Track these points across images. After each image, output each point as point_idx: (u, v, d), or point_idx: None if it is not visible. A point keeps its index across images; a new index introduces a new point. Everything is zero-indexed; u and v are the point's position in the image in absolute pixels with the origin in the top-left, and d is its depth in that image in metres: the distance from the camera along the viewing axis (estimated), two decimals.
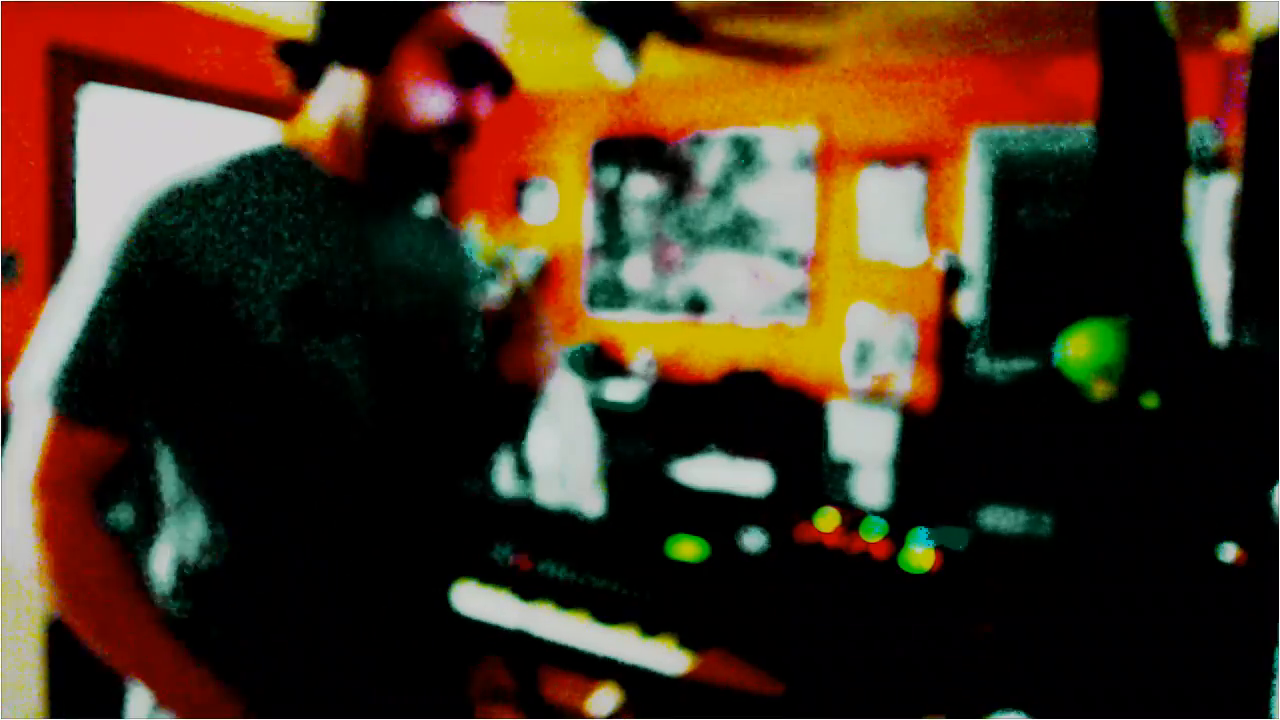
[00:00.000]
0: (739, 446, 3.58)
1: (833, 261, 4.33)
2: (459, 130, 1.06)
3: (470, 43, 1.04)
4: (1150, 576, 1.67)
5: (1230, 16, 2.58)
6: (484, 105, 1.07)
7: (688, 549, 2.17)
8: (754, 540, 2.18)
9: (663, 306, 4.71)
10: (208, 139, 3.71)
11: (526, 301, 1.21)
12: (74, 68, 3.13)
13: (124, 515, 2.08)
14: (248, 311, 0.97)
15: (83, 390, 0.96)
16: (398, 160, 1.06)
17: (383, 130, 1.05)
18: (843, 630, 1.90)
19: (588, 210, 4.91)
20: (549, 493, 2.40)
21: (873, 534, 2.15)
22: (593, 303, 4.88)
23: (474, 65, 1.05)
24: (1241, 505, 1.56)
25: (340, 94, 1.07)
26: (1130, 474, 1.74)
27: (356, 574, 1.07)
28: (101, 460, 0.99)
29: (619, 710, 2.82)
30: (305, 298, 1.00)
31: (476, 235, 1.42)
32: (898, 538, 2.10)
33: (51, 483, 0.98)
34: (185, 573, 1.05)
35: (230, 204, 1.02)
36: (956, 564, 1.98)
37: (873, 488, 3.48)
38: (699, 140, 4.60)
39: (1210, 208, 2.27)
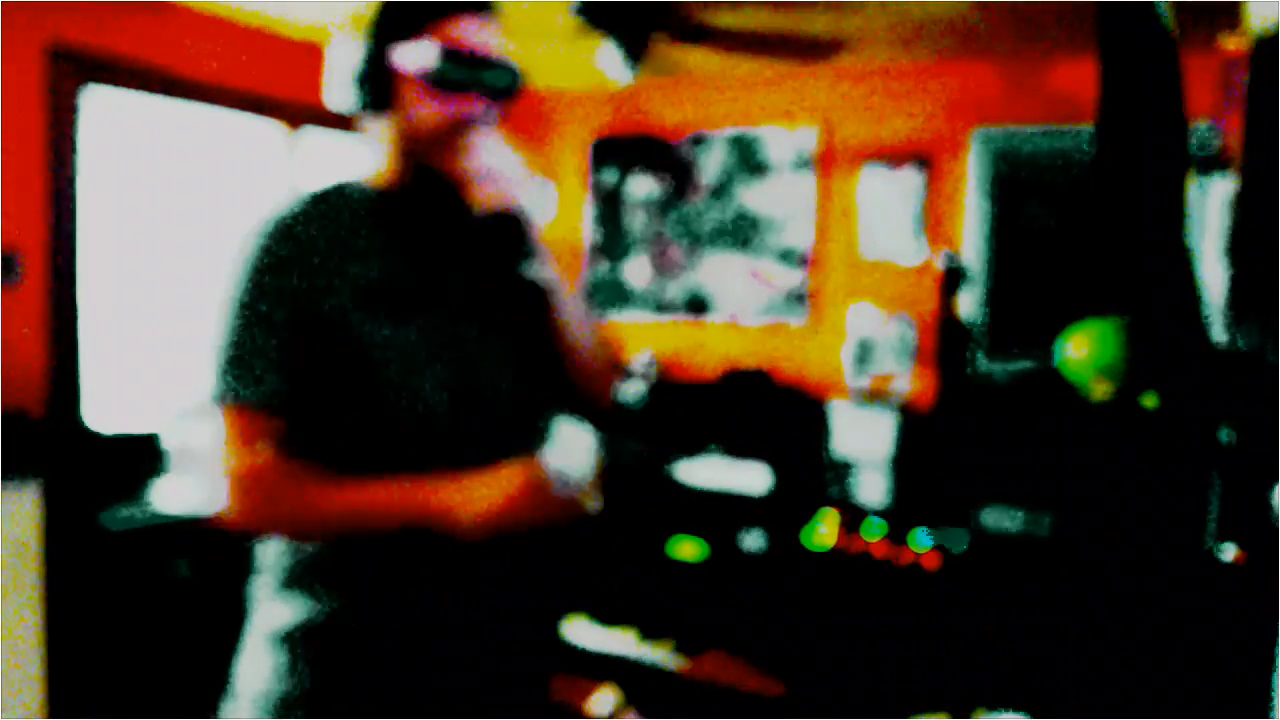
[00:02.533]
0: (739, 446, 3.57)
1: (833, 261, 4.33)
2: (460, 138, 1.23)
3: (443, 62, 1.20)
4: (1150, 576, 1.67)
5: (1230, 16, 2.58)
6: (477, 109, 1.24)
7: (688, 549, 2.17)
8: (754, 540, 2.18)
9: (663, 306, 4.71)
10: (208, 139, 3.71)
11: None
12: (74, 68, 3.13)
13: None
14: (330, 307, 1.19)
15: (243, 383, 1.19)
16: (422, 176, 1.26)
17: (406, 155, 1.27)
18: (842, 630, 1.90)
19: (587, 210, 4.91)
20: None
21: (873, 534, 2.15)
22: (593, 303, 4.88)
23: (452, 78, 1.21)
24: (1241, 505, 1.56)
25: (377, 133, 1.29)
26: (1130, 474, 1.74)
27: (439, 548, 1.19)
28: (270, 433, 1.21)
29: (619, 710, 2.82)
30: (371, 294, 1.21)
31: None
32: (898, 538, 2.10)
33: (242, 453, 1.19)
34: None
35: (307, 231, 1.23)
36: (956, 564, 1.98)
37: (873, 488, 3.48)
38: (699, 140, 4.60)
39: (1210, 208, 2.27)
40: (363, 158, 1.33)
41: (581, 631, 2.03)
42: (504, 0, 1.30)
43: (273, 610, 1.25)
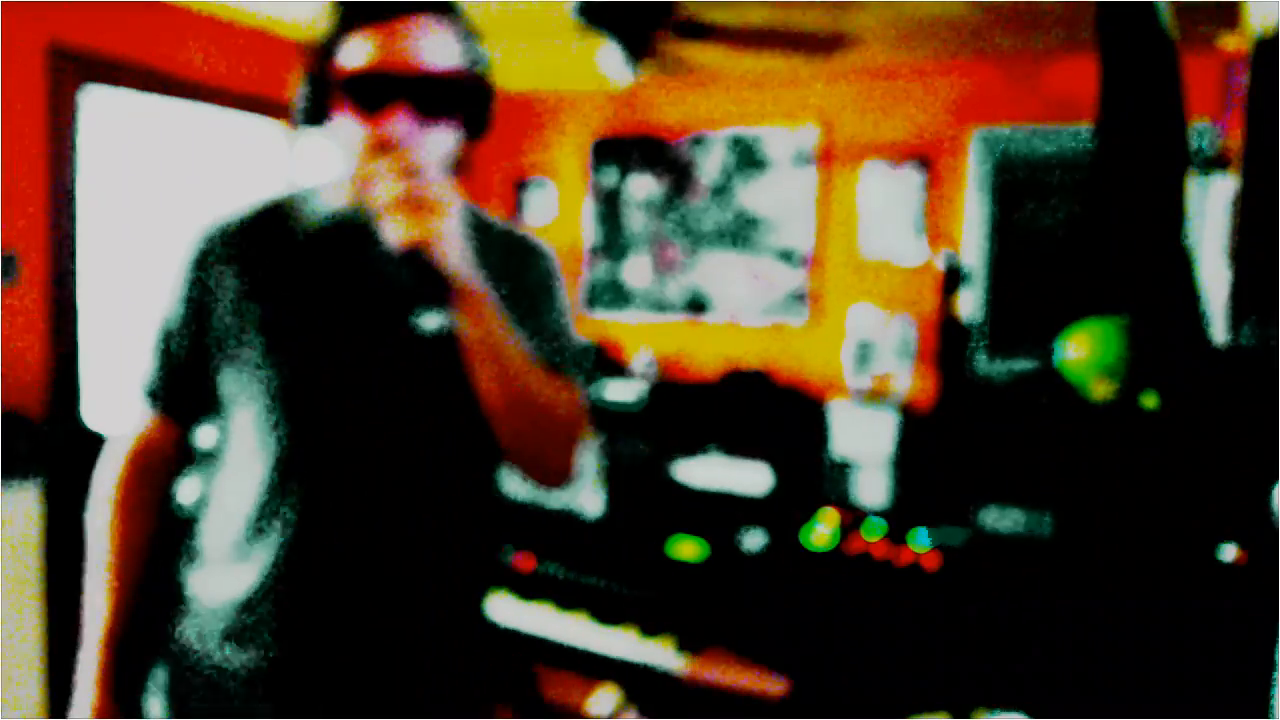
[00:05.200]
0: (739, 446, 3.57)
1: (833, 261, 4.33)
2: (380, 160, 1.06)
3: (361, 74, 1.08)
4: (1150, 576, 1.67)
5: (1230, 16, 2.58)
6: (403, 126, 1.08)
7: (688, 549, 2.17)
8: (754, 540, 2.18)
9: (663, 306, 4.71)
10: (208, 139, 3.71)
11: None
12: (74, 68, 3.13)
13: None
14: (231, 330, 1.17)
15: (153, 384, 1.25)
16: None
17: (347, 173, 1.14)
18: (842, 630, 1.90)
19: (588, 210, 4.91)
20: (549, 493, 2.40)
21: (873, 534, 2.15)
22: (593, 303, 4.88)
23: (371, 93, 1.08)
24: (1241, 505, 1.56)
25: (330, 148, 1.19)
26: (1130, 474, 1.74)
27: (337, 562, 1.15)
28: (165, 440, 1.27)
29: (619, 710, 2.82)
30: (270, 325, 1.15)
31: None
32: (898, 538, 2.10)
33: (122, 451, 1.27)
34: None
35: (233, 246, 1.20)
36: (956, 564, 1.98)
37: (873, 488, 3.47)
38: (699, 140, 4.60)
39: (1210, 208, 2.27)
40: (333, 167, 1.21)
41: (581, 631, 2.03)
42: (494, 1, 1.20)
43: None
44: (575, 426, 1.20)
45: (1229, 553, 1.58)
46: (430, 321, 1.12)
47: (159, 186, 3.54)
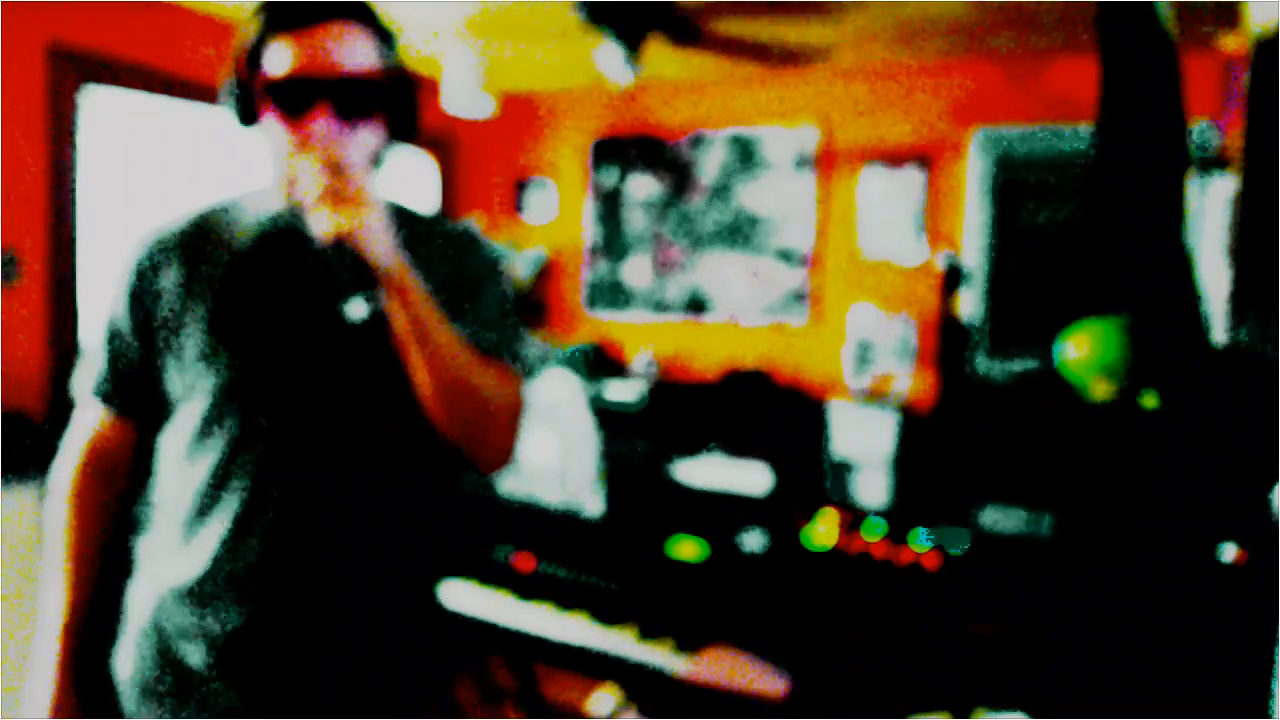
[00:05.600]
0: (739, 446, 3.58)
1: (833, 261, 4.33)
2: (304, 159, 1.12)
3: (282, 80, 1.14)
4: (1150, 576, 1.67)
5: (1230, 16, 2.58)
6: (324, 127, 1.13)
7: (688, 549, 2.17)
8: (754, 540, 2.18)
9: (663, 306, 4.71)
10: (207, 139, 3.71)
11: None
12: (74, 68, 3.13)
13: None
14: (172, 330, 1.22)
15: (104, 385, 1.30)
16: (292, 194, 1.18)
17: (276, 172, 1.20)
18: (842, 630, 1.90)
19: (588, 210, 4.91)
20: (549, 493, 2.40)
21: (873, 534, 2.15)
22: (593, 303, 4.88)
23: (293, 97, 1.14)
24: (1241, 505, 1.56)
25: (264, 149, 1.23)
26: (1130, 474, 1.74)
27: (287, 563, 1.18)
28: (117, 438, 1.30)
29: (619, 710, 2.82)
30: (213, 325, 1.19)
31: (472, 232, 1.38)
32: (898, 538, 2.10)
33: (77, 451, 1.31)
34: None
35: (173, 250, 1.24)
36: (956, 564, 1.98)
37: (873, 488, 3.47)
38: (699, 140, 4.60)
39: (1210, 208, 2.27)
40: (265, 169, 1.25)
41: (581, 631, 2.03)
42: (494, 1, 1.23)
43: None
44: (512, 411, 1.24)
45: (1229, 553, 1.58)
46: (361, 310, 1.15)
47: (159, 186, 3.54)
